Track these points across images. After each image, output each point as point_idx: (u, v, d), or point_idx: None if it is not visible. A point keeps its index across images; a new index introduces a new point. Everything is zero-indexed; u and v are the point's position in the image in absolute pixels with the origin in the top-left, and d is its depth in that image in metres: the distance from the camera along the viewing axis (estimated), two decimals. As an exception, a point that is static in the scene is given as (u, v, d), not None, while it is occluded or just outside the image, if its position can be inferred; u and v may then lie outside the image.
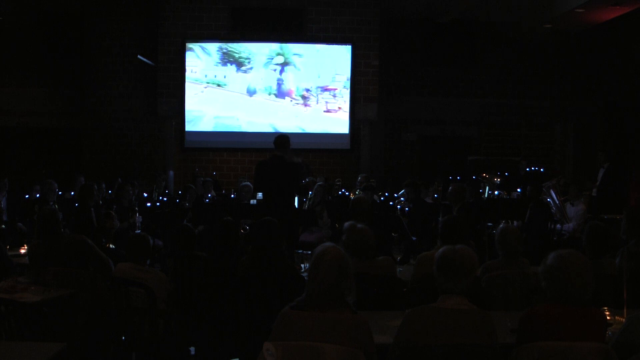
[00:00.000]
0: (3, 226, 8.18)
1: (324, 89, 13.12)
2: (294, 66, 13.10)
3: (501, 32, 14.34)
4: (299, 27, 13.30)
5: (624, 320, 3.67)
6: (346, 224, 4.79)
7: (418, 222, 8.47)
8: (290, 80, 13.14)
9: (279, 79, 13.10)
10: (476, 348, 3.12)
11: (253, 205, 9.02)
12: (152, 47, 13.19)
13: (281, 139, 7.66)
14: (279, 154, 7.58)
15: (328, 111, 13.14)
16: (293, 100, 13.09)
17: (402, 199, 9.86)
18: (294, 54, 13.12)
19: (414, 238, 8.26)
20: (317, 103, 13.12)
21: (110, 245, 7.02)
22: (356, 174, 12.07)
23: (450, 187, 8.14)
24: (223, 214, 6.65)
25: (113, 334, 4.78)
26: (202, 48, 13.07)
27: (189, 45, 13.02)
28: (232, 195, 10.57)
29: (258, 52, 13.06)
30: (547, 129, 15.07)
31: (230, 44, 13.06)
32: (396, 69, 14.42)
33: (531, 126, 14.94)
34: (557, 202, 9.25)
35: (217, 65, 13.04)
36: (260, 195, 9.93)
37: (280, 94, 13.10)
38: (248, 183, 10.29)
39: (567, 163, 14.99)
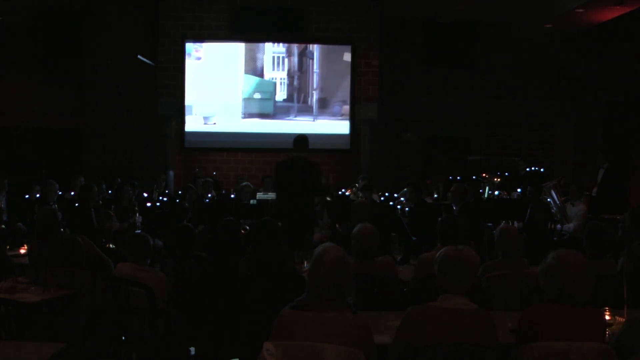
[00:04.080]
0: (3, 226, 8.17)
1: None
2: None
3: (501, 32, 14.33)
4: (299, 27, 13.29)
5: (624, 320, 3.67)
6: (356, 228, 4.80)
7: (418, 222, 8.46)
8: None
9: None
10: (476, 348, 3.12)
11: (253, 205, 9.02)
12: (152, 47, 13.19)
13: (302, 139, 7.38)
14: (300, 154, 7.30)
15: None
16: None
17: (402, 199, 9.84)
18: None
19: (414, 238, 8.26)
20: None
21: (110, 245, 7.02)
22: (356, 174, 12.06)
23: (451, 187, 8.15)
24: (223, 214, 6.65)
25: (113, 334, 4.77)
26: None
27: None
28: (232, 195, 10.57)
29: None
30: (547, 129, 15.06)
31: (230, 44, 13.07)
32: (396, 69, 14.40)
33: (531, 126, 14.93)
34: (558, 202, 9.25)
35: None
36: (260, 195, 9.95)
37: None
38: (248, 183, 10.30)
39: (567, 163, 14.97)
